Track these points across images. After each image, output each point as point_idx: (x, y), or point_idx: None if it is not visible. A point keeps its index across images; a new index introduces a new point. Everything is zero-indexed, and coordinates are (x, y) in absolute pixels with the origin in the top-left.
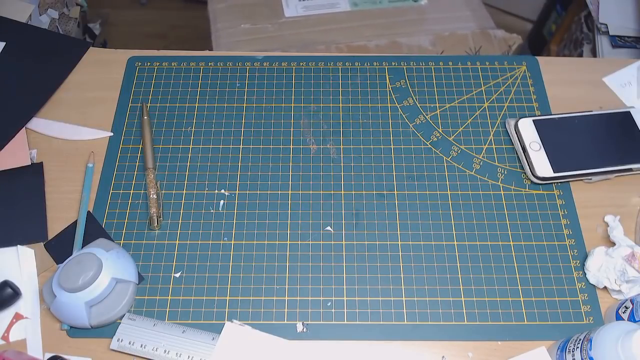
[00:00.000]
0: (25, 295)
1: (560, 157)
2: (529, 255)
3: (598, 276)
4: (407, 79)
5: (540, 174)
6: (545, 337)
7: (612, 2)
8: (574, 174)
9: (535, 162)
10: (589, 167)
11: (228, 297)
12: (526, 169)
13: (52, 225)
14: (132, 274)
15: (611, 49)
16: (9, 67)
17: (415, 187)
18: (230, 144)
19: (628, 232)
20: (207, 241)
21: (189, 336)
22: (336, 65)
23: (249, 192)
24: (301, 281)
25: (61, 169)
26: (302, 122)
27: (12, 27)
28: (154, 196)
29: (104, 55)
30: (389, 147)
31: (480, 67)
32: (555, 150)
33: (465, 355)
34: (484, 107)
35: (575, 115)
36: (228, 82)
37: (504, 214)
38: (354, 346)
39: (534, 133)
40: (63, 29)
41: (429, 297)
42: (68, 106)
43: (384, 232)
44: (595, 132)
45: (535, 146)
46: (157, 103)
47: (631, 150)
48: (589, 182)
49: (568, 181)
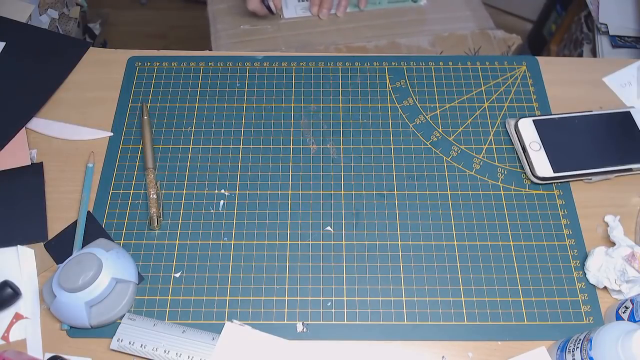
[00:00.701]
0: (25, 295)
1: (560, 157)
2: (529, 255)
3: (598, 276)
4: (407, 79)
5: (540, 174)
6: (545, 337)
7: (612, 2)
8: (574, 174)
9: (535, 162)
10: (588, 167)
11: (228, 297)
12: (526, 169)
13: (52, 225)
14: (132, 274)
15: (611, 49)
16: (9, 67)
17: (415, 187)
18: (230, 144)
19: (628, 232)
20: (207, 241)
21: (189, 336)
22: (336, 65)
23: (249, 192)
24: (301, 281)
25: (61, 169)
26: (302, 122)
27: (12, 27)
28: (154, 196)
29: (104, 55)
30: (389, 147)
31: (480, 67)
32: (555, 150)
33: (465, 355)
34: (484, 107)
35: (575, 115)
36: (228, 82)
37: (504, 214)
38: (354, 346)
39: (534, 133)
40: (63, 29)
41: (429, 297)
42: (68, 106)
43: (384, 232)
44: (595, 132)
45: (535, 146)
46: (157, 103)
47: (631, 150)
48: (589, 182)
49: (568, 181)
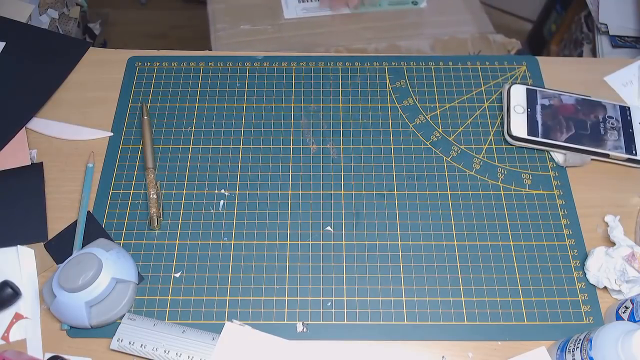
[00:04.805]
0: (25, 295)
1: (539, 124)
2: (529, 255)
3: (598, 276)
4: (407, 79)
5: (514, 133)
6: (545, 337)
7: (612, 2)
8: (546, 142)
9: (514, 122)
10: (564, 140)
11: (228, 297)
12: (505, 128)
13: (52, 225)
14: (132, 274)
15: (611, 49)
16: (9, 67)
17: (415, 187)
18: (230, 144)
19: (628, 232)
20: (207, 241)
21: (189, 336)
22: (336, 66)
23: (249, 192)
24: (301, 281)
25: (61, 169)
26: (302, 122)
27: (12, 27)
28: (154, 196)
29: (104, 55)
30: (389, 147)
31: (480, 67)
32: (538, 117)
33: (465, 355)
34: (484, 107)
35: (572, 95)
36: (228, 82)
37: (504, 214)
38: (354, 346)
39: (523, 98)
40: (63, 29)
41: (429, 297)
42: (68, 106)
43: (384, 232)
44: (587, 114)
45: (519, 109)
46: (157, 103)
47: (615, 140)
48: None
49: (542, 149)
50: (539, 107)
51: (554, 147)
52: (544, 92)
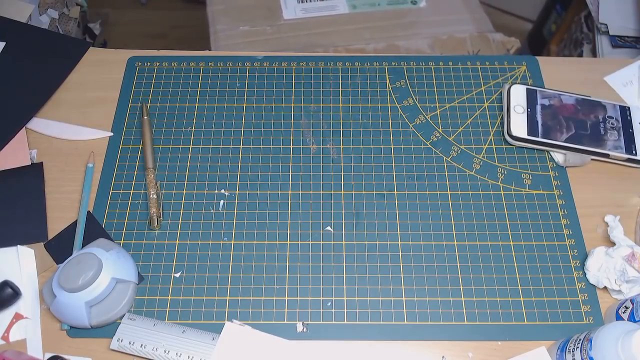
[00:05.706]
0: (25, 295)
1: (539, 124)
2: (529, 255)
3: (598, 276)
4: (407, 79)
5: (514, 134)
6: (545, 337)
7: (612, 2)
8: (546, 142)
9: (514, 122)
10: (564, 140)
11: (228, 297)
12: (505, 128)
13: (52, 225)
14: (132, 274)
15: (611, 49)
16: (9, 67)
17: (415, 187)
18: (230, 144)
19: (628, 232)
20: (207, 241)
21: (189, 336)
22: (336, 66)
23: (249, 192)
24: (301, 281)
25: (61, 169)
26: (302, 122)
27: (12, 27)
28: (154, 196)
29: (104, 55)
30: (389, 147)
31: (480, 67)
32: (538, 117)
33: (465, 355)
34: (484, 107)
35: (572, 95)
36: (228, 82)
37: (504, 214)
38: (354, 346)
39: (523, 98)
40: (63, 29)
41: (429, 297)
42: (68, 106)
43: (384, 232)
44: (587, 114)
45: (519, 109)
46: (157, 103)
47: (615, 140)
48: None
49: (542, 149)
50: (539, 107)
51: (554, 147)
52: (544, 92)
